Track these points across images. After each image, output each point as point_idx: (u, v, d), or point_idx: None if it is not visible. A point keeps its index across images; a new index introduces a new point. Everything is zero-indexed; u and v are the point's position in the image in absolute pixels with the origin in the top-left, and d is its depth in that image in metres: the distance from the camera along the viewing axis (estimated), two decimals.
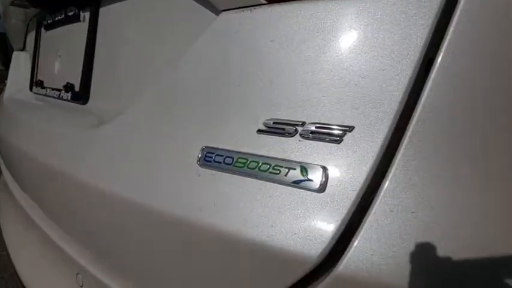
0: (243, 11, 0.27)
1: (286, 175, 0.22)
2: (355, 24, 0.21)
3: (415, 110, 0.19)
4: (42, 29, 0.68)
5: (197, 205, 0.25)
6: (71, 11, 0.54)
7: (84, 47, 0.49)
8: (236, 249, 0.23)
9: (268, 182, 0.22)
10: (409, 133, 0.19)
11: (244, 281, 0.24)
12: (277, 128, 0.23)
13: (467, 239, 0.18)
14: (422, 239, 0.18)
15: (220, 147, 0.25)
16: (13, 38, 0.88)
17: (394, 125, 0.19)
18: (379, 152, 0.19)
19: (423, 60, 0.19)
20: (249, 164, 0.23)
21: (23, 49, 0.88)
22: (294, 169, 0.21)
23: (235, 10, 0.27)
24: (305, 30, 0.23)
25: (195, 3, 0.32)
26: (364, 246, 0.19)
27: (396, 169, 0.19)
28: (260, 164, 0.23)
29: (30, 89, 0.71)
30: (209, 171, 0.25)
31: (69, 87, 0.52)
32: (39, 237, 0.49)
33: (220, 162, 0.25)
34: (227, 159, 0.24)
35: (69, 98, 0.52)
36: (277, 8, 0.25)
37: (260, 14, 0.26)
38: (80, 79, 0.49)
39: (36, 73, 0.71)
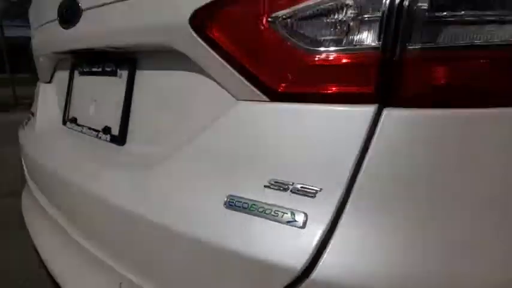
0: (254, 102, 0.41)
1: (282, 217, 0.35)
2: (321, 128, 0.35)
3: (356, 182, 0.33)
4: (76, 73, 0.81)
5: (224, 234, 0.38)
6: (109, 67, 0.67)
7: (122, 98, 0.62)
8: (250, 262, 0.36)
9: (271, 221, 0.36)
10: (353, 195, 0.33)
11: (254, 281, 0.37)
12: (277, 185, 0.37)
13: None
14: (362, 255, 0.32)
15: (239, 195, 0.39)
16: (41, 71, 1.00)
17: (345, 190, 0.33)
18: (336, 204, 0.33)
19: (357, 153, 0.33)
20: (258, 208, 0.37)
21: (49, 82, 1.00)
22: (287, 214, 0.35)
23: (256, 100, 0.41)
24: (295, 125, 0.37)
25: (220, 87, 0.45)
26: (329, 260, 0.33)
27: (346, 215, 0.33)
28: (266, 209, 0.36)
29: (64, 124, 0.84)
30: (233, 212, 0.38)
31: (107, 130, 0.65)
32: (83, 256, 0.61)
33: (239, 206, 0.38)
34: (244, 204, 0.38)
35: (107, 139, 0.65)
36: (276, 105, 0.39)
37: (266, 106, 0.40)
38: (118, 125, 0.62)
39: (69, 110, 0.84)
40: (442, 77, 0.33)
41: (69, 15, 0.64)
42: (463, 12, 0.32)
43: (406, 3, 0.32)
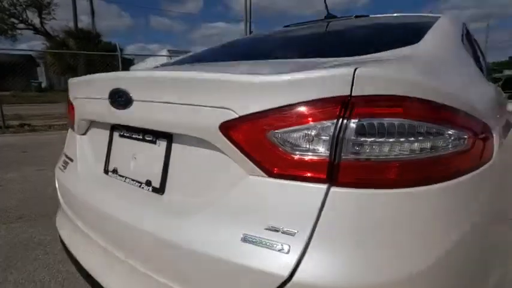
0: (258, 177, 0.68)
1: (275, 247, 0.61)
2: (297, 196, 0.63)
3: (316, 227, 0.60)
4: (116, 134, 1.06)
5: (241, 257, 0.64)
6: (149, 137, 0.93)
7: (162, 161, 0.88)
8: (257, 272, 0.63)
9: (269, 249, 0.62)
10: (315, 235, 0.60)
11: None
12: (273, 229, 0.63)
13: None
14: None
15: (250, 234, 0.65)
16: (79, 127, 1.24)
17: (310, 232, 0.60)
18: (306, 240, 0.60)
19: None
20: (262, 241, 0.63)
21: (84, 134, 1.25)
22: (279, 245, 0.61)
23: (259, 176, 0.68)
24: (281, 192, 0.65)
25: (225, 156, 0.73)
26: (302, 271, 0.60)
27: (311, 246, 0.60)
28: (266, 242, 0.63)
29: (106, 173, 1.09)
30: (246, 243, 0.65)
31: (149, 182, 0.91)
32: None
33: (250, 240, 0.64)
34: (253, 239, 0.64)
35: (150, 190, 0.90)
36: (271, 179, 0.67)
37: (265, 180, 0.67)
38: (159, 180, 0.88)
39: (109, 162, 1.09)
40: (361, 172, 0.61)
41: (122, 100, 0.90)
42: (372, 138, 0.61)
43: (341, 133, 0.61)
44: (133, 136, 0.99)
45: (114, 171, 1.05)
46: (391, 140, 0.61)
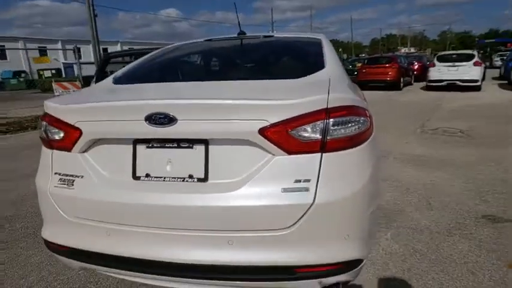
0: (281, 156, 1.22)
1: (300, 190, 1.19)
2: (304, 160, 1.22)
3: (319, 176, 1.21)
4: (142, 146, 1.33)
5: (285, 199, 1.19)
6: (185, 144, 1.29)
7: (203, 159, 1.27)
8: (289, 206, 1.19)
9: (301, 191, 1.19)
10: (319, 180, 1.21)
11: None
12: (298, 183, 1.20)
13: None
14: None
15: (285, 187, 1.20)
16: (79, 146, 1.39)
17: (317, 179, 1.21)
18: (315, 184, 1.20)
19: None
20: (294, 190, 1.19)
21: (84, 152, 1.41)
22: (302, 190, 1.19)
23: (285, 155, 1.22)
24: (297, 159, 1.22)
25: (258, 148, 1.23)
26: (317, 199, 1.19)
27: (319, 188, 1.21)
28: (295, 190, 1.19)
29: (136, 179, 1.34)
30: (286, 193, 1.19)
31: (191, 176, 1.28)
32: None
33: (287, 191, 1.19)
34: (288, 190, 1.19)
35: (195, 181, 1.28)
36: (290, 155, 1.22)
37: (286, 156, 1.22)
38: (203, 172, 1.27)
39: (136, 170, 1.34)
40: (334, 144, 1.24)
41: (164, 120, 1.22)
42: (338, 126, 1.24)
43: (326, 126, 1.21)
44: (167, 145, 1.31)
45: (147, 175, 1.33)
46: (344, 126, 1.26)
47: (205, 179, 1.28)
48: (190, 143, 1.29)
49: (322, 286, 1.31)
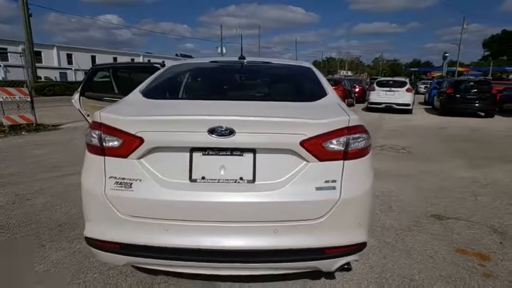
0: (314, 163, 1.58)
1: (329, 187, 1.57)
2: (329, 166, 1.62)
3: (343, 177, 1.61)
4: (198, 154, 1.58)
5: (317, 196, 1.55)
6: (237, 152, 1.58)
7: (251, 164, 1.57)
8: (322, 202, 1.57)
9: (330, 190, 1.57)
10: (343, 179, 1.61)
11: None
12: (327, 183, 1.58)
13: None
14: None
15: (317, 186, 1.57)
16: (137, 153, 1.59)
17: (341, 179, 1.60)
18: (340, 183, 1.59)
19: None
20: (326, 187, 1.56)
21: (140, 158, 1.61)
22: (331, 188, 1.57)
23: (317, 162, 1.58)
24: (324, 165, 1.60)
25: (295, 155, 1.59)
26: (343, 194, 1.59)
27: (343, 185, 1.60)
28: (327, 187, 1.56)
29: (193, 181, 1.58)
30: (319, 191, 1.56)
31: (242, 178, 1.58)
32: None
33: (320, 189, 1.56)
34: (322, 188, 1.56)
35: (245, 182, 1.57)
36: (321, 162, 1.59)
37: (318, 163, 1.59)
38: (252, 175, 1.57)
39: (192, 173, 1.59)
40: (353, 154, 1.65)
41: (225, 132, 1.51)
42: (355, 141, 1.66)
43: (347, 140, 1.61)
44: (221, 153, 1.59)
45: (203, 178, 1.59)
46: (358, 141, 1.67)
47: (253, 181, 1.59)
48: (241, 151, 1.59)
49: (340, 265, 1.68)
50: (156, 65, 3.60)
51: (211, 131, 1.52)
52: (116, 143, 1.60)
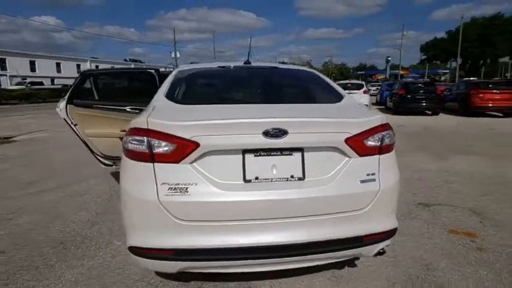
0: (355, 158, 1.74)
1: (371, 180, 1.74)
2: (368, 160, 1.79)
3: (380, 173, 1.79)
4: (251, 156, 1.64)
5: (362, 188, 1.71)
6: (286, 152, 1.67)
7: (300, 163, 1.68)
8: (363, 193, 1.74)
9: (372, 181, 1.74)
10: (380, 170, 1.79)
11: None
12: (368, 176, 1.74)
13: None
14: None
15: (362, 178, 1.72)
16: (191, 158, 1.61)
17: (379, 171, 1.78)
18: (379, 176, 1.77)
19: None
20: (369, 179, 1.73)
21: (192, 163, 1.64)
22: (373, 180, 1.74)
23: (358, 157, 1.74)
24: (362, 160, 1.77)
25: (338, 152, 1.74)
26: (382, 186, 1.77)
27: (380, 176, 1.78)
28: (369, 180, 1.73)
29: (247, 182, 1.63)
30: (363, 183, 1.72)
31: (293, 176, 1.68)
32: None
33: (363, 181, 1.72)
34: (365, 180, 1.72)
35: (296, 179, 1.67)
36: (360, 157, 1.75)
37: (358, 158, 1.75)
38: (301, 172, 1.68)
39: (246, 174, 1.64)
40: (385, 149, 1.83)
41: (279, 134, 1.60)
42: (387, 137, 1.84)
43: (382, 136, 1.80)
44: (272, 153, 1.67)
45: (256, 178, 1.66)
46: (388, 137, 1.85)
47: (303, 178, 1.70)
48: (291, 151, 1.70)
49: (378, 250, 1.85)
50: (150, 71, 3.54)
51: (266, 133, 1.59)
52: (167, 149, 1.60)
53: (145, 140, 1.62)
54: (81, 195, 3.97)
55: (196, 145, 1.59)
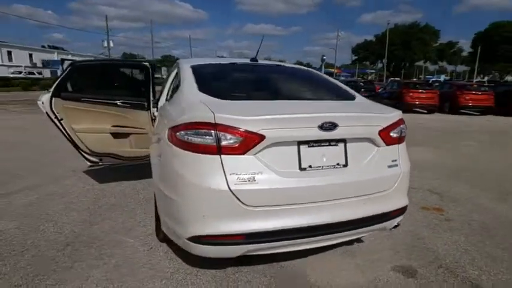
0: (383, 147, 2.08)
1: (392, 165, 2.10)
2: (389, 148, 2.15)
3: (400, 159, 2.16)
4: (305, 146, 1.85)
5: (389, 173, 2.05)
6: (333, 143, 1.92)
7: (343, 152, 1.95)
8: (394, 175, 2.09)
9: (394, 167, 2.09)
10: (400, 157, 2.16)
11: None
12: (393, 163, 2.10)
13: None
14: None
15: (389, 164, 2.07)
16: (256, 149, 1.76)
17: (399, 160, 2.15)
18: (399, 164, 2.14)
19: None
20: (394, 165, 2.08)
21: (256, 154, 1.79)
22: (395, 165, 2.10)
23: (385, 146, 2.07)
24: (387, 148, 2.12)
25: (370, 142, 2.06)
26: (403, 169, 2.14)
27: (399, 163, 2.15)
28: (394, 165, 2.09)
29: (302, 170, 1.84)
30: (390, 168, 2.06)
31: (338, 164, 1.94)
32: None
33: (389, 166, 2.06)
34: (390, 165, 2.07)
35: (341, 167, 1.94)
36: (387, 145, 2.09)
37: (386, 146, 2.08)
38: (344, 161, 1.95)
39: (301, 163, 1.85)
40: (402, 139, 2.20)
41: (331, 127, 1.84)
42: (404, 130, 2.22)
43: (401, 128, 2.16)
44: (322, 145, 1.91)
45: (310, 166, 1.88)
46: (404, 129, 2.22)
47: (346, 165, 1.98)
48: (336, 142, 1.96)
49: (396, 223, 2.23)
50: (145, 64, 3.46)
51: (321, 126, 1.82)
52: (234, 141, 1.72)
53: (212, 134, 1.71)
54: (61, 196, 3.68)
55: (262, 137, 1.74)
